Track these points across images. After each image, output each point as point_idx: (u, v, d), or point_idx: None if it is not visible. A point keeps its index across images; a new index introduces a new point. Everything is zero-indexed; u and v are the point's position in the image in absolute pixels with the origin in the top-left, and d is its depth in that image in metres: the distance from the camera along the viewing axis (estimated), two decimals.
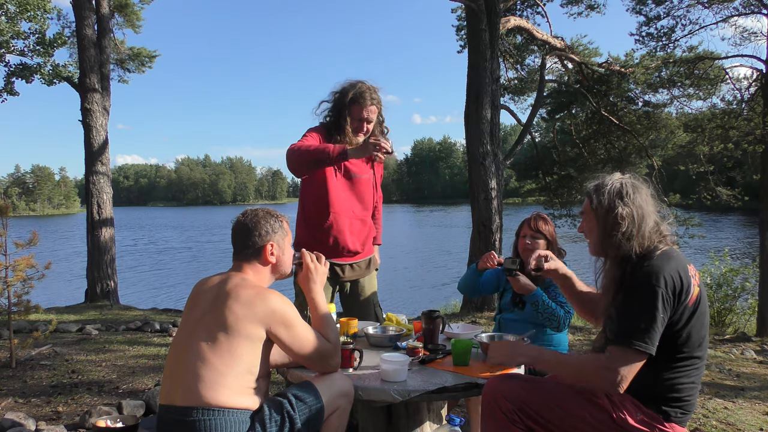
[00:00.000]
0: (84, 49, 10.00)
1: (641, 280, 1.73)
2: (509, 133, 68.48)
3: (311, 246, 2.97)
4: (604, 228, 1.86)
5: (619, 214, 1.81)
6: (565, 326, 2.72)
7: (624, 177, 1.91)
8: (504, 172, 9.62)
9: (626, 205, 1.82)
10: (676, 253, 1.83)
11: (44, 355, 4.83)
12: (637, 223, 1.81)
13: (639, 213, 1.82)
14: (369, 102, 2.87)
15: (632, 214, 1.81)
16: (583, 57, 11.89)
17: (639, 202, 1.84)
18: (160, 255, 30.66)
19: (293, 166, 2.82)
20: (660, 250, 1.80)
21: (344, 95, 2.90)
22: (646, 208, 1.84)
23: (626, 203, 1.82)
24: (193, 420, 1.75)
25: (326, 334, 2.02)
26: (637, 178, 1.92)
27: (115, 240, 10.60)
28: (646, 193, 1.88)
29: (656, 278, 1.71)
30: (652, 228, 1.83)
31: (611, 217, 1.83)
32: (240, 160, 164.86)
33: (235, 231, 2.03)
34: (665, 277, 1.71)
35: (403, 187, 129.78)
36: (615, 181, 1.89)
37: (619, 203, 1.83)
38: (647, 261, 1.76)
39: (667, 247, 1.83)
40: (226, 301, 1.84)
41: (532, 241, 2.84)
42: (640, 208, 1.83)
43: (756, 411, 3.82)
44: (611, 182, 1.88)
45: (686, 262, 1.82)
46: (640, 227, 1.80)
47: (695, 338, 1.77)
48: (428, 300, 15.03)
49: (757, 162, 11.13)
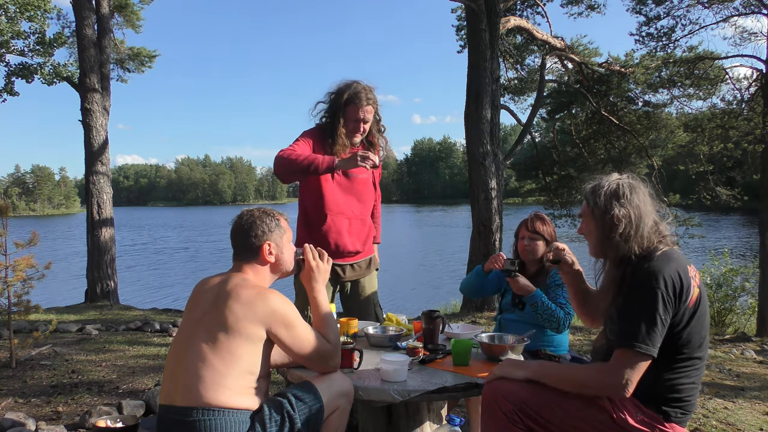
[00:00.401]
0: (84, 49, 10.00)
1: (641, 282, 1.73)
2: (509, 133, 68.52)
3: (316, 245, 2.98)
4: (602, 230, 1.85)
5: (615, 215, 1.81)
6: (565, 327, 2.71)
7: (621, 177, 1.90)
8: (504, 172, 9.62)
9: (623, 206, 1.81)
10: (677, 254, 1.82)
11: (44, 355, 4.83)
12: (635, 224, 1.80)
13: (636, 213, 1.81)
14: (365, 102, 2.87)
15: (629, 214, 1.80)
16: (583, 57, 11.89)
17: (636, 203, 1.82)
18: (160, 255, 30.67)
19: (280, 173, 2.83)
20: (660, 250, 1.79)
21: (339, 96, 2.90)
22: (643, 208, 1.83)
23: (623, 204, 1.81)
24: (193, 420, 1.75)
25: (326, 334, 2.02)
26: (635, 178, 1.91)
27: (115, 240, 10.60)
28: (644, 193, 1.87)
29: (656, 280, 1.70)
30: (651, 228, 1.82)
31: (608, 219, 1.82)
32: (240, 160, 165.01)
33: (233, 232, 2.03)
34: (665, 278, 1.71)
35: (403, 187, 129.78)
36: (612, 182, 1.88)
37: (616, 204, 1.82)
38: (647, 262, 1.76)
39: (667, 248, 1.82)
40: (227, 301, 1.84)
41: (530, 242, 2.83)
42: (637, 208, 1.82)
43: (756, 411, 3.82)
44: (608, 183, 1.87)
45: (687, 262, 1.82)
46: (638, 228, 1.80)
47: (695, 339, 1.77)
48: (428, 300, 15.02)
49: (756, 162, 11.14)
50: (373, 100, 2.91)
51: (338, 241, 2.95)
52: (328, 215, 2.92)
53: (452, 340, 2.26)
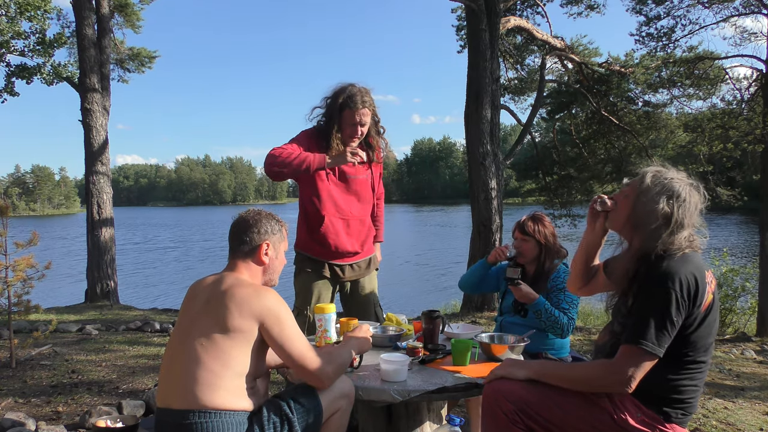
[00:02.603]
0: (84, 49, 10.00)
1: (657, 281, 1.70)
2: (509, 133, 68.49)
3: (311, 245, 2.99)
4: (636, 215, 1.81)
5: (658, 210, 1.76)
6: (569, 333, 2.68)
7: (686, 179, 1.82)
8: (504, 172, 9.62)
9: (670, 206, 1.76)
10: (696, 257, 1.78)
11: (44, 355, 4.83)
12: (671, 229, 1.75)
13: (678, 220, 1.75)
14: (360, 105, 2.85)
15: (671, 217, 1.75)
16: (583, 57, 11.89)
17: (684, 210, 1.77)
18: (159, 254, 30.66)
19: (271, 172, 2.83)
20: (681, 251, 1.75)
21: (335, 100, 2.89)
22: (688, 218, 1.77)
23: (671, 204, 1.76)
24: (190, 423, 1.74)
25: (326, 359, 1.95)
26: (698, 187, 1.83)
27: (115, 240, 10.60)
28: (696, 204, 1.80)
29: (672, 280, 1.68)
30: (684, 238, 1.76)
31: (649, 209, 1.77)
32: (240, 160, 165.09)
33: (235, 226, 2.02)
34: (681, 279, 1.68)
35: (403, 187, 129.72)
36: (676, 177, 1.81)
37: (664, 200, 1.77)
38: (665, 261, 1.73)
39: (689, 250, 1.77)
40: (222, 300, 1.83)
41: (520, 244, 2.80)
42: (682, 215, 1.76)
43: (756, 411, 3.82)
44: (671, 177, 1.81)
45: (705, 267, 1.78)
46: (672, 233, 1.75)
47: (702, 344, 1.76)
48: (428, 300, 15.01)
49: (756, 162, 11.14)
50: (370, 103, 2.90)
51: (337, 242, 2.95)
52: (326, 216, 2.92)
53: (452, 340, 2.25)
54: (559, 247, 2.84)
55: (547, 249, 2.79)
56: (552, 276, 2.77)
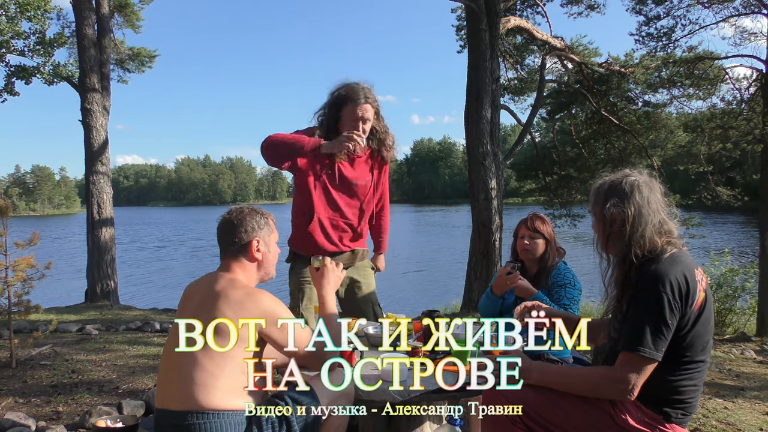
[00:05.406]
0: (84, 49, 10.00)
1: (647, 286, 1.70)
2: (509, 133, 68.41)
3: (302, 243, 2.98)
4: (603, 227, 1.84)
5: (610, 213, 1.79)
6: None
7: (629, 175, 1.83)
8: (504, 172, 9.62)
9: (617, 205, 1.78)
10: (684, 256, 1.78)
11: (44, 355, 4.84)
12: (631, 224, 1.75)
13: (633, 213, 1.76)
14: (363, 100, 2.84)
15: (625, 214, 1.76)
16: (583, 57, 11.88)
17: (637, 202, 1.77)
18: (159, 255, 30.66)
19: (267, 154, 2.84)
20: (668, 252, 1.75)
21: (338, 97, 2.89)
22: (646, 208, 1.77)
23: (618, 203, 1.78)
24: (189, 424, 1.74)
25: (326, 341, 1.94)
26: (645, 175, 1.84)
27: (115, 240, 10.61)
28: (648, 192, 1.80)
29: (662, 283, 1.68)
30: (655, 228, 1.76)
31: (606, 217, 1.80)
32: (240, 159, 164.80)
33: (221, 228, 2.02)
34: (671, 281, 1.68)
35: (403, 187, 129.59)
36: (614, 179, 1.84)
37: (612, 202, 1.79)
38: (654, 264, 1.73)
39: (675, 250, 1.77)
40: (216, 302, 1.83)
41: (530, 241, 2.81)
42: (637, 207, 1.76)
43: (756, 411, 3.82)
44: (609, 181, 1.85)
45: (694, 265, 1.78)
46: (636, 228, 1.75)
47: (699, 343, 1.76)
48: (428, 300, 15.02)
49: (756, 162, 11.14)
50: (372, 99, 2.89)
51: (322, 242, 2.93)
52: (316, 216, 2.91)
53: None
54: (558, 246, 2.87)
55: (551, 246, 2.83)
56: (552, 273, 2.78)
